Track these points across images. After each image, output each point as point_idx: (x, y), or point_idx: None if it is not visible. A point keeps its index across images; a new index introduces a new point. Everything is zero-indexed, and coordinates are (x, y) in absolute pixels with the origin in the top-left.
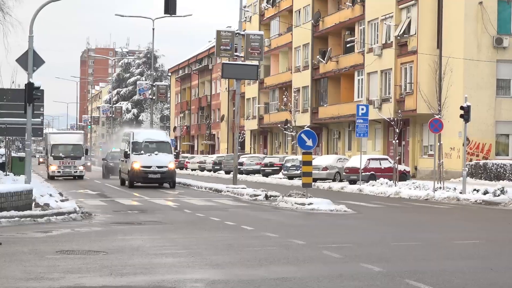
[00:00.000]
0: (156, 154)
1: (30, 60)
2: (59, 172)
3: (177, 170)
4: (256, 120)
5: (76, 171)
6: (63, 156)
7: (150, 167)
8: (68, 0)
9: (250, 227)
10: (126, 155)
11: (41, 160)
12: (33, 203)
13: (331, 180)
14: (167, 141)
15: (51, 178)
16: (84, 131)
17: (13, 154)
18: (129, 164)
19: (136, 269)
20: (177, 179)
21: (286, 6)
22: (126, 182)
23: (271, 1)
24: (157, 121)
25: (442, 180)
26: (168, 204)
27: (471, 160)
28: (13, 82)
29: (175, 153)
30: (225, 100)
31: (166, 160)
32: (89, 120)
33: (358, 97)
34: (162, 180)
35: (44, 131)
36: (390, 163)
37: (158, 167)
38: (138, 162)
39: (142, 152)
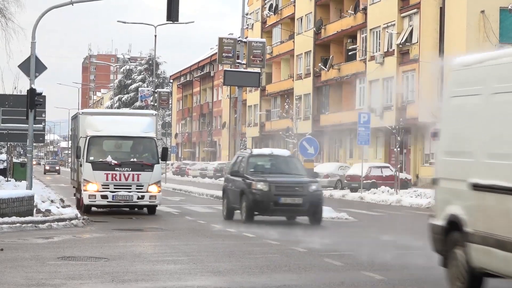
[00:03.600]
0: None
1: (32, 66)
2: (105, 197)
3: (179, 177)
4: (258, 127)
5: (143, 196)
6: (114, 163)
7: None
8: (70, 6)
9: (252, 234)
10: None
11: (47, 168)
12: (35, 209)
13: (332, 188)
14: None
15: (86, 210)
16: (156, 112)
17: (14, 160)
18: None
19: (138, 276)
20: (182, 187)
21: (288, 13)
22: None
23: (273, 9)
24: (158, 128)
25: None
26: (170, 211)
27: None
28: (15, 88)
29: None
30: (226, 107)
31: None
32: None
33: (360, 105)
34: None
35: (77, 112)
36: (392, 171)
37: None
38: None
39: None
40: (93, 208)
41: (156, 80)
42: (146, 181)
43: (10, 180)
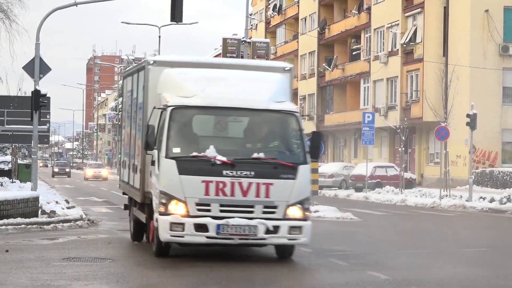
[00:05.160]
0: None
1: (37, 67)
2: (203, 228)
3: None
4: None
5: (277, 228)
6: (222, 160)
7: None
8: (74, 8)
9: None
10: None
11: (56, 170)
12: (40, 210)
13: (337, 188)
14: None
15: (162, 250)
16: (292, 66)
17: (19, 161)
18: None
19: (143, 277)
20: None
21: (292, 13)
22: None
23: (277, 9)
24: None
25: (448, 188)
26: None
27: (477, 168)
28: (19, 89)
29: None
30: None
31: None
32: (95, 127)
33: (364, 105)
34: None
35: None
36: (396, 170)
37: None
38: None
39: None
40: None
41: None
42: (283, 198)
43: (15, 182)
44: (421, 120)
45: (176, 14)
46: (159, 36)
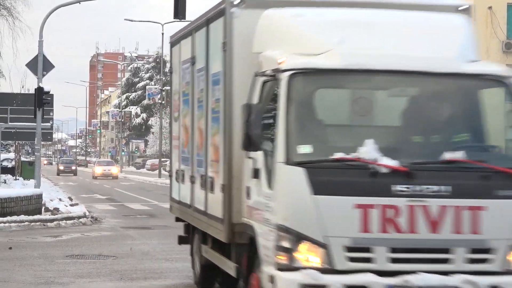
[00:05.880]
0: None
1: (40, 64)
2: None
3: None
4: None
5: None
6: (392, 167)
7: None
8: (77, 5)
9: None
10: None
11: (61, 168)
12: (43, 208)
13: None
14: None
15: None
16: (466, 5)
17: (22, 159)
18: None
19: (146, 274)
20: None
21: None
22: None
23: None
24: (166, 126)
25: None
26: None
27: None
28: (22, 87)
29: None
30: None
31: None
32: (98, 125)
33: None
34: None
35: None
36: None
37: None
38: None
39: None
40: None
41: (163, 78)
42: (502, 234)
43: (18, 179)
44: None
45: (179, 11)
46: (162, 33)
